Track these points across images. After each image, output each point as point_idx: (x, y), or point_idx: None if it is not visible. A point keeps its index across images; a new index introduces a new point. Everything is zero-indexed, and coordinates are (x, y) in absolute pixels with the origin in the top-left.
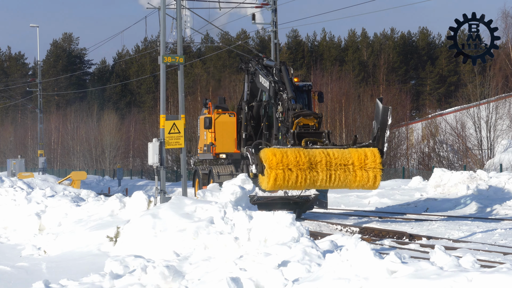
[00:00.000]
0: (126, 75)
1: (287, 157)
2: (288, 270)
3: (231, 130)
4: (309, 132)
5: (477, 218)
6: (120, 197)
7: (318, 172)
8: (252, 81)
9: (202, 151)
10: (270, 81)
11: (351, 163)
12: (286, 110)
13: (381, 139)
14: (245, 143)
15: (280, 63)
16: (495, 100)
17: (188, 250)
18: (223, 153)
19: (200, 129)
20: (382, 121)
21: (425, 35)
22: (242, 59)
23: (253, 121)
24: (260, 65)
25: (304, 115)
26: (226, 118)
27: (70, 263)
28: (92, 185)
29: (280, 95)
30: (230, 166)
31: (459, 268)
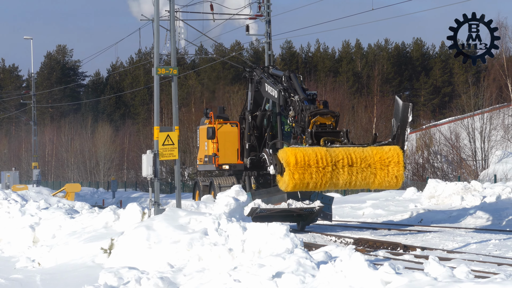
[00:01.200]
0: (120, 87)
1: (308, 157)
2: (282, 281)
3: (233, 140)
4: (327, 131)
5: (472, 229)
6: (114, 209)
7: (339, 173)
8: (257, 90)
9: (202, 162)
10: (280, 89)
11: (373, 163)
12: (300, 112)
13: (401, 137)
14: (248, 153)
15: (289, 71)
16: (489, 110)
17: (182, 262)
18: (226, 164)
19: (200, 139)
20: (402, 119)
21: (419, 46)
22: (245, 68)
23: (256, 131)
24: (266, 73)
25: (321, 113)
26: (229, 128)
27: (64, 275)
28: (86, 197)
29: (291, 100)
30: (231, 178)
31: (453, 279)
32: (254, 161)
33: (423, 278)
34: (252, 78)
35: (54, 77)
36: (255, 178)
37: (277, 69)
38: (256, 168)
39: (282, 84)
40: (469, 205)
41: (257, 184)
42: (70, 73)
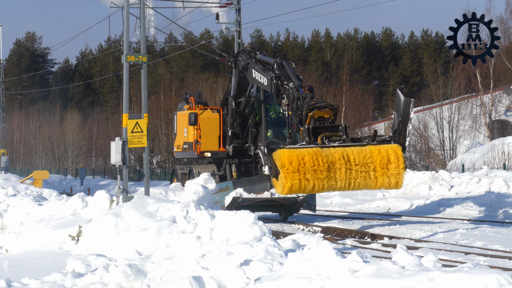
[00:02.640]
0: (89, 74)
1: (303, 159)
2: (250, 269)
3: (215, 126)
4: (325, 126)
5: (439, 218)
6: (82, 196)
7: (337, 175)
8: (243, 76)
9: (181, 149)
10: (272, 77)
11: (372, 163)
12: (296, 100)
13: (402, 132)
14: (231, 140)
15: (280, 57)
16: (457, 100)
17: (151, 249)
18: (208, 151)
19: (178, 125)
20: (403, 114)
21: (389, 35)
22: (229, 52)
23: (239, 118)
24: (253, 59)
25: (319, 107)
26: (210, 114)
27: (32, 262)
28: (54, 184)
29: (284, 88)
30: (211, 166)
31: (421, 268)
32: (236, 149)
33: (391, 267)
34: (236, 63)
35: (23, 64)
36: (236, 166)
37: (265, 55)
38: (238, 156)
39: (274, 71)
40: (437, 194)
41: (238, 173)
42: (39, 60)
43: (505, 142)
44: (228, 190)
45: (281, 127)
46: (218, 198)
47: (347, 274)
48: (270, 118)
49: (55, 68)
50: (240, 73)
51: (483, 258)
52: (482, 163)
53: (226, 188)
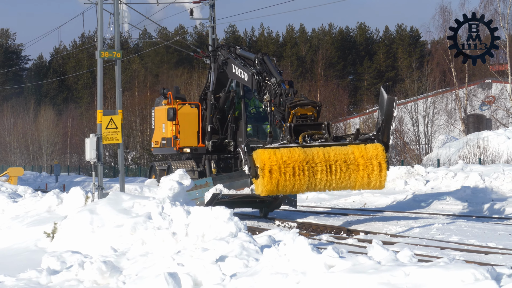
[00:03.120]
0: (63, 70)
1: (283, 160)
2: (226, 265)
3: (193, 122)
4: (308, 124)
5: (415, 213)
6: (57, 193)
7: (317, 176)
8: (222, 71)
9: (159, 145)
10: (253, 72)
11: (354, 164)
12: (279, 95)
13: (386, 131)
14: (210, 136)
15: (262, 53)
16: (432, 95)
17: (126, 246)
18: (187, 147)
19: (156, 121)
20: (387, 113)
21: (363, 30)
22: (208, 46)
23: (219, 113)
24: (233, 54)
25: (301, 105)
26: (188, 109)
27: (7, 259)
28: (29, 181)
29: (266, 83)
30: (190, 162)
31: (397, 263)
32: (216, 144)
33: (367, 262)
34: (216, 58)
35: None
36: (216, 162)
37: (245, 50)
38: (218, 152)
39: (255, 66)
40: (412, 189)
41: (218, 168)
42: (13, 57)
43: (480, 136)
44: (208, 186)
45: (260, 122)
46: (198, 194)
47: (323, 270)
48: (250, 113)
49: (29, 65)
50: (220, 68)
51: (459, 253)
52: (458, 158)
53: (206, 184)
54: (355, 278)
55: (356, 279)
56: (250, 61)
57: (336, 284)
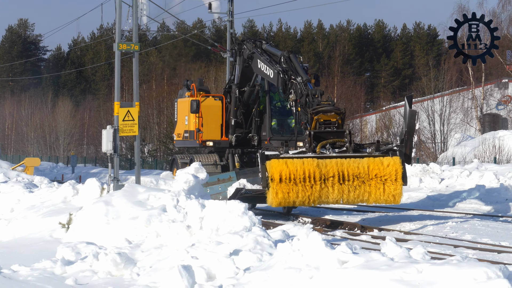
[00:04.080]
0: (81, 62)
1: (294, 173)
2: (240, 259)
3: (217, 115)
4: (330, 131)
5: (429, 210)
6: (73, 184)
7: (329, 191)
8: (247, 65)
9: (181, 137)
10: (279, 70)
11: (368, 180)
12: (305, 96)
13: (408, 143)
14: (234, 130)
15: (288, 51)
16: (449, 93)
17: (140, 238)
18: (211, 140)
19: (179, 113)
20: (409, 125)
21: (381, 27)
22: (234, 39)
23: (243, 107)
24: (259, 49)
25: (324, 111)
26: (212, 102)
27: (22, 249)
28: (45, 171)
29: (291, 83)
30: (213, 155)
31: (410, 260)
32: (239, 138)
33: (380, 259)
34: (241, 51)
35: (15, 51)
36: (239, 156)
37: (271, 45)
38: (241, 146)
39: (281, 65)
40: (427, 187)
41: (241, 163)
42: (31, 47)
43: (496, 136)
44: (231, 180)
45: (285, 117)
46: (221, 189)
47: (336, 265)
48: (275, 107)
49: (47, 55)
50: (245, 62)
51: (472, 251)
52: (473, 157)
53: (229, 178)
54: (367, 274)
55: (368, 275)
56: (276, 57)
57: (349, 280)
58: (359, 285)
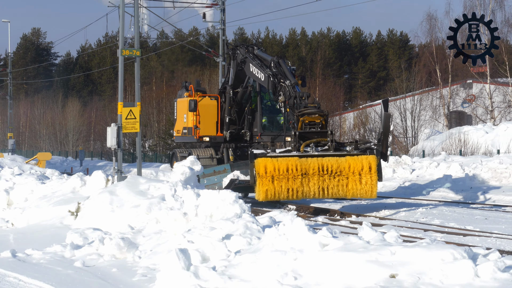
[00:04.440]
0: (88, 66)
1: (278, 169)
2: (231, 242)
3: (213, 113)
4: (314, 131)
5: (401, 198)
6: (81, 176)
7: (310, 185)
8: (241, 69)
9: (180, 133)
10: (269, 74)
11: (346, 174)
12: (293, 98)
13: (384, 143)
14: (228, 126)
15: (277, 56)
16: (419, 93)
17: (142, 224)
18: (207, 136)
19: (178, 111)
20: (384, 126)
21: (358, 34)
22: (228, 45)
23: (236, 106)
24: (251, 54)
25: (308, 113)
26: (208, 101)
27: (35, 234)
28: (56, 165)
29: (281, 85)
30: (209, 149)
31: (384, 243)
32: (233, 134)
33: (357, 242)
34: (235, 55)
35: (29, 56)
36: (233, 150)
37: (262, 51)
38: (235, 141)
39: (271, 69)
40: (400, 177)
41: (235, 156)
42: (43, 53)
43: (462, 130)
44: (226, 172)
45: (274, 114)
46: (217, 180)
47: (318, 248)
48: (265, 105)
49: (58, 61)
50: (238, 65)
51: (440, 235)
52: (441, 149)
53: (224, 170)
54: (346, 256)
55: (347, 256)
56: (267, 62)
57: (329, 261)
58: (339, 266)
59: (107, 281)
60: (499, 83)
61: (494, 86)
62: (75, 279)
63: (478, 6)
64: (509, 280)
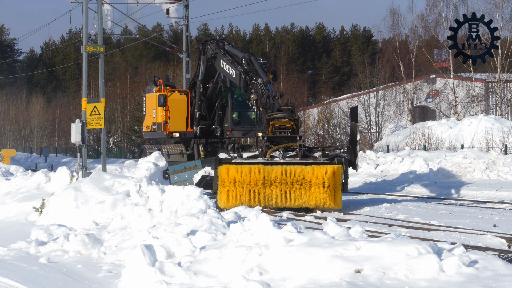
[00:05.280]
0: (52, 62)
1: (241, 179)
2: (196, 238)
3: (183, 108)
4: (284, 136)
5: (366, 193)
6: (46, 172)
7: (273, 194)
8: (211, 64)
9: (150, 129)
10: (240, 71)
11: (310, 184)
12: (266, 97)
13: (352, 152)
14: (198, 122)
15: (249, 53)
16: (383, 88)
17: (107, 220)
18: (177, 131)
19: (147, 107)
20: (351, 136)
21: (321, 29)
22: (198, 39)
23: (206, 101)
24: (221, 49)
25: (278, 118)
26: (178, 96)
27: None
28: (20, 161)
29: (253, 83)
30: (179, 145)
31: (349, 238)
32: (203, 130)
33: (322, 237)
34: (205, 50)
35: None
36: (204, 146)
37: (233, 46)
38: (205, 136)
39: (242, 66)
40: (364, 172)
41: (205, 152)
42: (7, 50)
43: (425, 125)
44: (197, 168)
45: (246, 109)
46: (187, 176)
47: (283, 243)
48: (236, 101)
49: (22, 57)
50: (209, 61)
51: (405, 230)
52: (405, 144)
53: (195, 166)
54: (311, 251)
55: (312, 252)
56: (238, 58)
57: (294, 257)
58: (304, 261)
59: (72, 277)
60: (463, 78)
61: (458, 81)
62: (40, 276)
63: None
64: (474, 275)
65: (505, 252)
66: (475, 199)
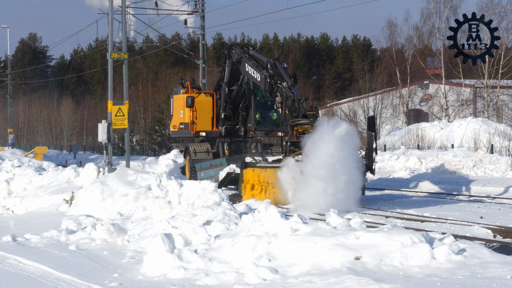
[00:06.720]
0: (81, 68)
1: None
2: (211, 228)
3: (209, 109)
4: None
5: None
6: (75, 167)
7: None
8: (236, 68)
9: (177, 129)
10: (266, 75)
11: None
12: (291, 101)
13: (369, 159)
14: (223, 122)
15: (273, 58)
16: (381, 93)
17: (130, 211)
18: (203, 131)
19: (174, 108)
20: (368, 144)
21: (325, 39)
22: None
23: (231, 103)
24: (246, 54)
25: (301, 124)
26: (204, 98)
27: (33, 221)
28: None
29: (278, 87)
30: (205, 144)
31: (350, 228)
32: (228, 129)
33: (325, 227)
34: (230, 55)
35: (27, 59)
36: (228, 144)
37: (258, 51)
38: (230, 136)
39: (267, 70)
40: None
41: (230, 150)
42: (40, 56)
43: (419, 127)
44: (222, 166)
45: (267, 110)
46: (213, 173)
47: (290, 233)
48: (259, 102)
49: (53, 63)
50: (234, 65)
51: (400, 221)
52: (400, 144)
53: (221, 164)
54: (315, 240)
55: (316, 240)
56: (262, 62)
57: (300, 245)
58: (309, 249)
59: (99, 263)
60: (453, 84)
61: (449, 86)
62: (70, 261)
63: (434, 14)
64: (462, 262)
65: (490, 242)
66: (463, 194)
